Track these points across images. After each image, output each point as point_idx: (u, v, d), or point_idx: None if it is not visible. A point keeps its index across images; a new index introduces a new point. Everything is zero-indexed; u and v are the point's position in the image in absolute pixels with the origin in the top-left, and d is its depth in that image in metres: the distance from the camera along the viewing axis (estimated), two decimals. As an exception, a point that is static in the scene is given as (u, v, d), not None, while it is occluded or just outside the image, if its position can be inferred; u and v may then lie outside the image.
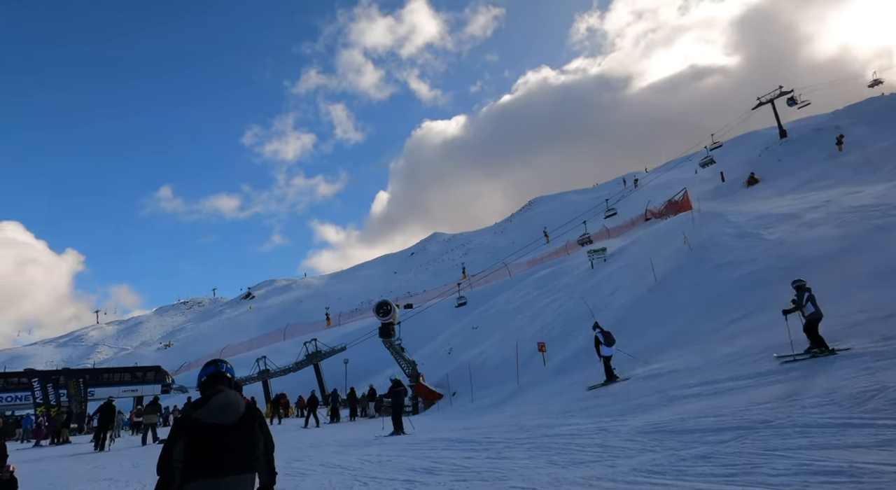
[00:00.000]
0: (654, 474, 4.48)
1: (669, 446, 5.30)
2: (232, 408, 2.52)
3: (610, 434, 6.38)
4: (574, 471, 5.10)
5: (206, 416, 2.46)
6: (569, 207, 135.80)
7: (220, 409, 2.49)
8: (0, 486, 7.33)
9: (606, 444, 5.96)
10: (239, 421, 2.50)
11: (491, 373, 21.01)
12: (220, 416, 2.47)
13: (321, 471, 7.25)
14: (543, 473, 5.17)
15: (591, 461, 5.35)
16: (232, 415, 2.50)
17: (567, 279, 32.84)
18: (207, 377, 2.70)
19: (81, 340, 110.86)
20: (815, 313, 7.99)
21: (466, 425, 10.80)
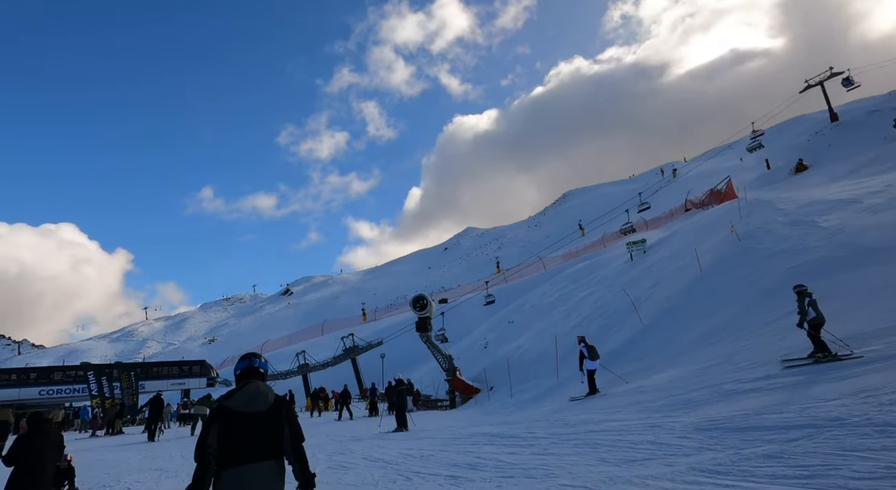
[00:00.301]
0: (716, 474, 4.19)
1: (730, 444, 4.98)
2: (261, 398, 2.67)
3: (662, 431, 6.07)
4: (627, 469, 4.85)
5: (236, 404, 2.62)
6: (604, 199, 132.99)
7: (249, 398, 2.65)
8: (59, 474, 7.61)
9: (659, 441, 5.67)
10: (267, 411, 2.64)
11: (529, 367, 20.73)
12: (248, 405, 2.63)
13: (363, 464, 7.21)
14: (594, 471, 4.94)
15: (645, 459, 5.08)
16: (261, 405, 2.64)
17: (605, 272, 32.11)
18: (242, 371, 2.86)
19: (132, 336, 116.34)
20: (816, 318, 8.08)
21: (507, 420, 10.61)
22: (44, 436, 4.53)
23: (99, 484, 8.08)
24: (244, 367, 2.86)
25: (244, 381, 2.79)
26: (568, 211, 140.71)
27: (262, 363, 2.93)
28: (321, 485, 6.44)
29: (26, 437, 4.49)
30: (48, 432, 4.60)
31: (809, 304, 8.31)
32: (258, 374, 2.84)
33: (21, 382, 38.17)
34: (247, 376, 2.82)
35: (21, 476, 4.33)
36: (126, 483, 7.89)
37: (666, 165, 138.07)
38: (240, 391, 2.70)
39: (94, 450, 14.03)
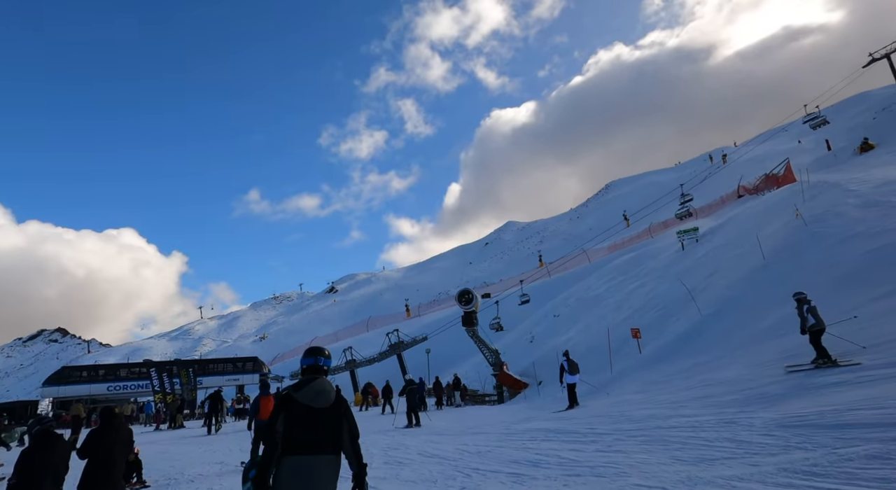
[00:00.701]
0: (813, 476, 3.78)
1: (822, 443, 4.52)
2: (325, 395, 2.84)
3: (739, 427, 5.63)
4: (707, 469, 4.48)
5: (303, 398, 2.79)
6: (650, 189, 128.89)
7: (315, 394, 2.81)
8: (127, 467, 7.88)
9: (738, 438, 5.25)
10: (329, 407, 2.80)
11: (579, 361, 20.05)
12: (314, 400, 2.79)
13: (419, 460, 7.09)
14: (669, 471, 4.60)
15: (726, 458, 4.70)
16: (324, 401, 2.81)
17: (655, 263, 31.00)
18: (308, 366, 2.99)
19: (189, 334, 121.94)
20: (816, 325, 8.29)
21: (562, 415, 10.27)
22: (115, 430, 4.61)
23: (164, 477, 8.33)
24: (311, 363, 2.98)
25: (311, 375, 2.92)
26: (611, 202, 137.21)
27: (327, 361, 3.07)
28: (379, 480, 6.36)
29: (99, 431, 4.57)
30: (119, 427, 4.67)
31: (809, 311, 8.59)
32: (322, 371, 2.99)
33: (91, 379, 40.58)
34: (313, 371, 2.95)
35: (94, 469, 4.41)
36: (189, 476, 8.08)
37: (715, 151, 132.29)
38: (307, 385, 2.85)
39: (158, 443, 14.63)
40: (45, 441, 4.11)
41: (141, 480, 7.89)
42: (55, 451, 4.11)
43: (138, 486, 7.69)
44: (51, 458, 4.05)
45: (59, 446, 4.17)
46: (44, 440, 4.12)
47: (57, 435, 4.33)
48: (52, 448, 4.10)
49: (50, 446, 4.10)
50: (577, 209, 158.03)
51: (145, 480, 7.93)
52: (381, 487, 5.72)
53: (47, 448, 4.08)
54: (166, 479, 8.17)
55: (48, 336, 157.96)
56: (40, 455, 4.02)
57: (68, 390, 38.45)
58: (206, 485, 7.31)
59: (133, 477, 7.87)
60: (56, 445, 4.15)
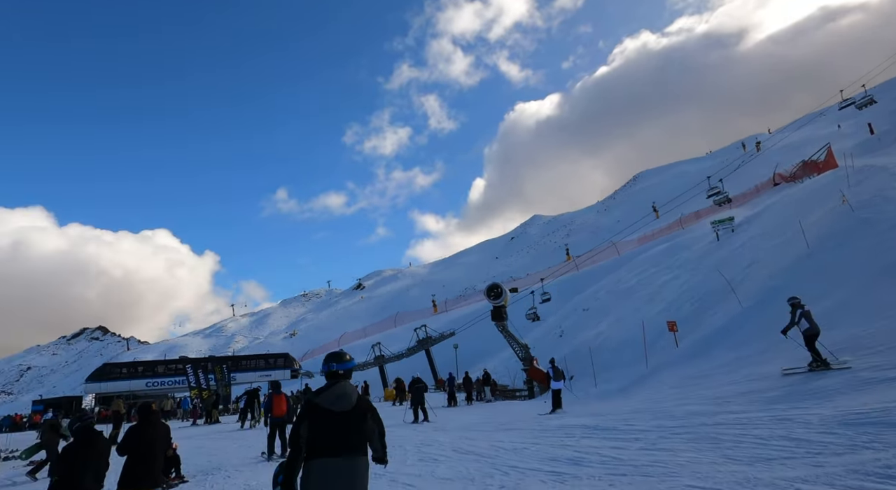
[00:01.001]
0: (889, 479, 3.48)
1: (893, 442, 4.18)
2: (346, 398, 2.88)
3: (795, 424, 5.30)
4: (765, 469, 4.20)
5: (325, 402, 2.85)
6: (680, 179, 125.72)
7: (336, 398, 2.87)
8: (165, 461, 8.00)
9: (794, 436, 4.93)
10: (350, 411, 2.84)
11: (611, 355, 19.77)
12: (334, 404, 2.84)
13: (455, 457, 6.96)
14: (723, 471, 4.33)
15: (785, 458, 4.40)
16: (345, 405, 2.85)
17: (688, 254, 30.14)
18: (326, 373, 3.04)
19: (222, 331, 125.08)
20: (810, 329, 8.44)
21: (597, 411, 10.00)
22: (153, 426, 4.61)
23: (202, 472, 8.42)
24: (325, 371, 3.03)
25: (333, 380, 2.98)
26: (639, 193, 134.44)
27: (341, 365, 3.05)
28: (414, 478, 6.26)
29: (137, 427, 4.58)
30: (156, 423, 4.68)
31: (803, 316, 8.68)
32: (340, 376, 3.01)
33: (130, 375, 41.95)
34: (334, 376, 3.00)
35: (134, 465, 4.42)
36: (227, 471, 8.15)
37: (748, 138, 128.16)
38: (328, 390, 2.91)
39: (195, 438, 14.92)
40: (86, 437, 4.13)
41: (179, 475, 7.99)
42: (96, 447, 4.12)
43: (177, 481, 7.79)
44: (92, 454, 4.06)
45: (99, 442, 4.19)
46: (85, 436, 4.14)
47: (97, 431, 4.35)
48: (93, 444, 4.11)
49: (91, 442, 4.11)
50: (604, 201, 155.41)
51: (184, 476, 8.03)
52: (417, 485, 5.61)
53: (88, 444, 4.10)
54: (203, 473, 8.25)
55: (90, 334, 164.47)
56: (82, 451, 4.04)
57: (109, 386, 39.83)
58: (242, 480, 7.35)
59: (172, 472, 7.97)
60: (97, 442, 4.16)
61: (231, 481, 7.34)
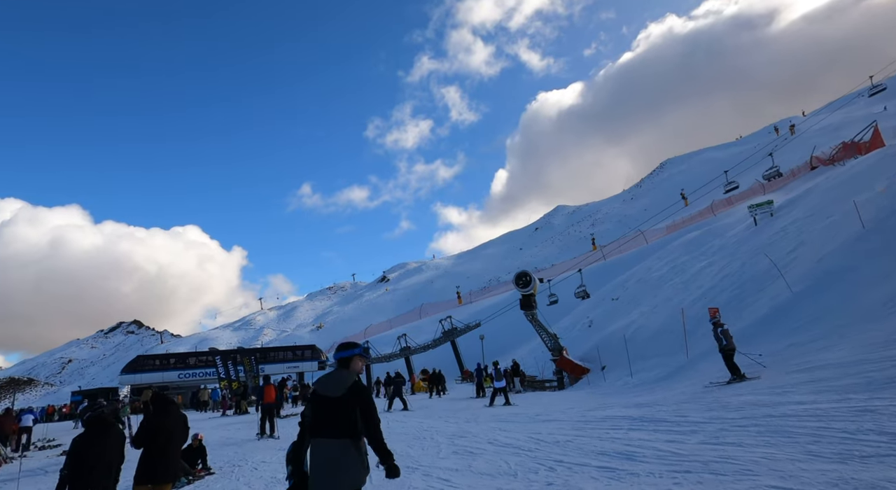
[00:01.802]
0: None
1: None
2: (337, 385, 3.07)
3: (884, 417, 4.66)
4: (863, 470, 3.61)
5: (319, 387, 3.13)
6: (708, 165, 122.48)
7: (328, 384, 3.10)
8: (192, 452, 7.77)
9: (889, 431, 4.30)
10: (339, 397, 3.02)
11: (646, 345, 19.01)
12: (326, 389, 3.08)
13: (491, 450, 6.51)
14: (811, 470, 3.76)
15: (883, 455, 3.80)
16: (335, 390, 3.05)
17: (722, 240, 28.99)
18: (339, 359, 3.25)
19: (250, 324, 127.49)
20: (727, 346, 9.61)
21: (639, 401, 9.40)
22: (170, 417, 4.29)
23: (229, 463, 8.18)
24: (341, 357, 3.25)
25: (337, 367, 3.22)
26: (667, 181, 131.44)
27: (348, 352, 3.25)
28: (451, 472, 5.83)
29: (153, 418, 4.27)
30: (174, 413, 4.35)
31: (722, 334, 9.73)
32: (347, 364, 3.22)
33: (163, 367, 42.85)
34: (341, 363, 3.23)
35: (151, 458, 4.11)
36: (253, 463, 7.89)
37: (780, 122, 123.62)
38: (326, 377, 3.17)
39: (223, 428, 14.88)
40: (97, 429, 3.82)
41: (206, 467, 7.77)
42: (107, 438, 3.80)
43: (203, 472, 7.56)
44: (103, 446, 3.74)
45: (111, 434, 3.86)
46: (96, 428, 3.82)
47: (110, 422, 4.02)
48: (104, 436, 3.79)
49: (102, 434, 3.79)
50: (630, 190, 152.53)
51: (210, 467, 7.80)
52: (455, 480, 5.18)
53: (99, 435, 3.77)
54: (231, 465, 8.01)
55: (126, 328, 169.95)
56: (92, 443, 3.72)
57: (143, 378, 40.76)
58: (269, 472, 7.05)
59: (198, 463, 7.76)
60: (108, 433, 3.84)
61: (258, 473, 7.06)
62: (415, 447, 7.50)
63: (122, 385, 41.93)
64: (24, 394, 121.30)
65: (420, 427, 10.20)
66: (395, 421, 12.34)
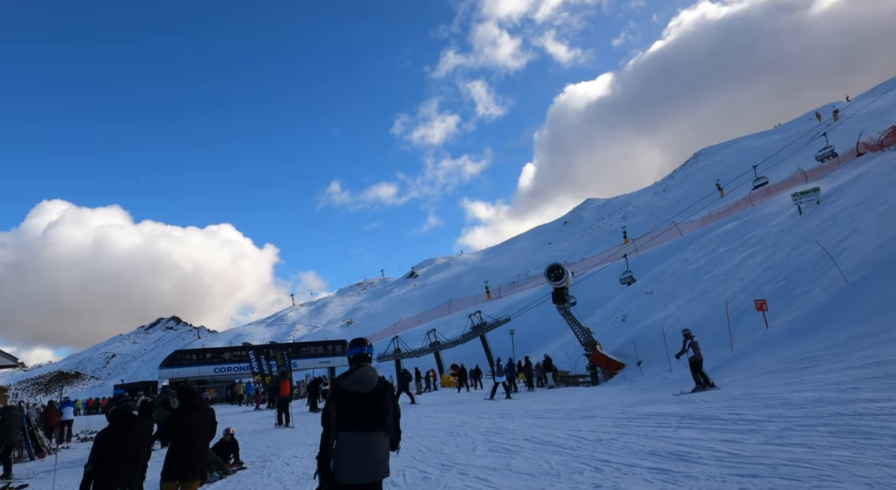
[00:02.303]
0: None
1: None
2: (367, 381, 3.18)
3: (979, 417, 4.13)
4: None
5: (348, 385, 3.16)
6: (745, 154, 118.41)
7: (358, 381, 3.17)
8: (224, 447, 7.70)
9: None
10: (371, 392, 3.15)
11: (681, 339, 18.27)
12: (356, 386, 3.15)
13: (530, 448, 6.18)
14: (902, 476, 3.30)
15: None
16: (366, 387, 3.16)
17: (763, 231, 27.75)
18: (354, 356, 3.35)
19: (283, 320, 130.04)
20: (694, 357, 10.60)
21: (686, 398, 8.89)
22: (196, 411, 4.12)
23: (261, 458, 8.10)
24: (356, 353, 3.35)
25: (356, 364, 3.29)
26: (701, 171, 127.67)
27: (370, 349, 3.44)
28: (489, 471, 5.53)
29: (179, 413, 4.11)
30: (200, 407, 4.18)
31: (691, 346, 10.85)
32: (366, 359, 3.34)
33: (199, 362, 43.92)
34: (358, 360, 3.31)
35: (178, 454, 3.95)
36: (285, 458, 7.77)
37: (823, 108, 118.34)
38: (352, 374, 3.22)
39: (256, 422, 14.98)
40: (122, 423, 3.66)
41: (238, 462, 7.69)
42: (132, 433, 3.64)
43: (235, 467, 7.48)
44: (127, 440, 3.58)
45: (136, 428, 3.71)
46: (121, 422, 3.67)
47: (135, 416, 3.87)
48: (128, 430, 3.63)
49: (126, 428, 3.63)
50: (662, 182, 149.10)
51: (242, 462, 7.72)
52: (493, 480, 4.88)
53: (124, 430, 3.62)
54: (263, 460, 7.92)
55: (165, 324, 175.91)
56: (116, 438, 3.56)
57: (181, 372, 41.86)
58: (300, 467, 6.90)
59: (231, 458, 7.68)
60: (133, 427, 3.68)
61: (289, 469, 6.91)
62: (448, 444, 7.24)
63: (161, 379, 43.19)
64: (71, 387, 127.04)
65: (452, 422, 9.95)
66: (425, 416, 12.12)
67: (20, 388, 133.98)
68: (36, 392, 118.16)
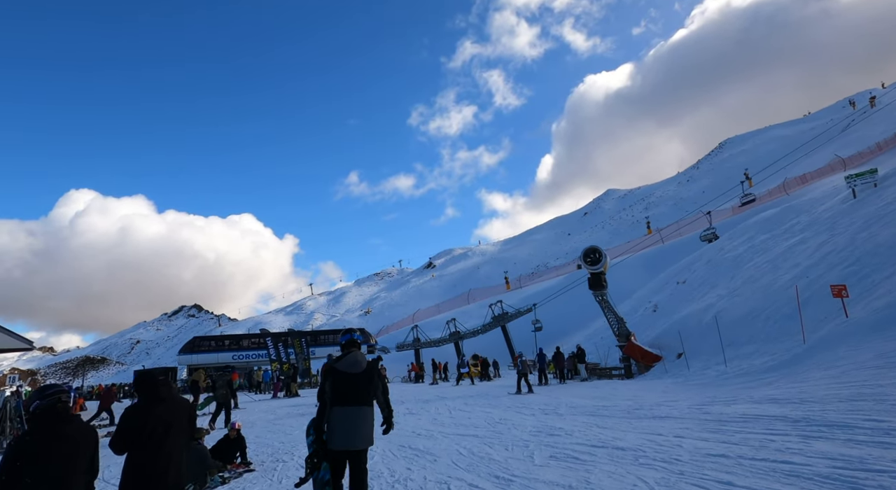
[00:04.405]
0: None
1: None
2: (358, 364, 3.83)
3: None
4: None
5: (342, 367, 3.80)
6: (774, 144, 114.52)
7: (350, 364, 3.81)
8: (228, 444, 6.59)
9: None
10: (361, 373, 3.80)
11: (733, 330, 16.72)
12: (349, 368, 3.80)
13: (604, 456, 4.90)
14: None
15: None
16: (357, 369, 3.81)
17: (811, 216, 25.88)
18: (346, 341, 4.00)
19: (302, 309, 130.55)
20: (521, 370, 16.00)
21: (771, 396, 7.47)
22: (166, 405, 2.90)
23: (272, 456, 6.98)
24: (347, 339, 4.00)
25: (347, 349, 3.94)
26: (727, 161, 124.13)
27: (359, 336, 4.12)
28: (555, 488, 4.32)
29: (139, 408, 2.89)
30: (170, 400, 2.95)
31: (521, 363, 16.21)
32: (356, 345, 4.00)
33: (218, 348, 43.52)
34: (349, 346, 3.96)
35: (140, 464, 2.74)
36: (299, 458, 6.62)
37: (857, 95, 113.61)
38: (345, 358, 3.87)
39: (272, 411, 13.98)
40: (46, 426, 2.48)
41: (245, 462, 6.56)
42: (61, 442, 2.46)
43: (242, 468, 6.35)
44: (54, 450, 2.41)
45: (69, 432, 2.51)
46: (45, 425, 2.48)
47: (70, 413, 2.66)
48: (56, 437, 2.45)
49: (53, 434, 2.45)
50: (686, 172, 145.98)
51: (250, 462, 6.59)
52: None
53: (49, 437, 2.44)
54: (274, 459, 6.80)
55: (187, 312, 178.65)
56: (36, 449, 2.39)
57: (199, 358, 41.50)
58: (318, 472, 5.73)
59: (237, 457, 6.57)
60: (65, 430, 2.49)
61: (302, 472, 5.75)
62: (495, 446, 6.00)
63: (181, 365, 42.92)
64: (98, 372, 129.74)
65: (489, 419, 8.73)
66: (456, 409, 10.94)
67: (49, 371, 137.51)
68: (64, 376, 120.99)
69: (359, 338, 4.06)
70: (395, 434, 7.86)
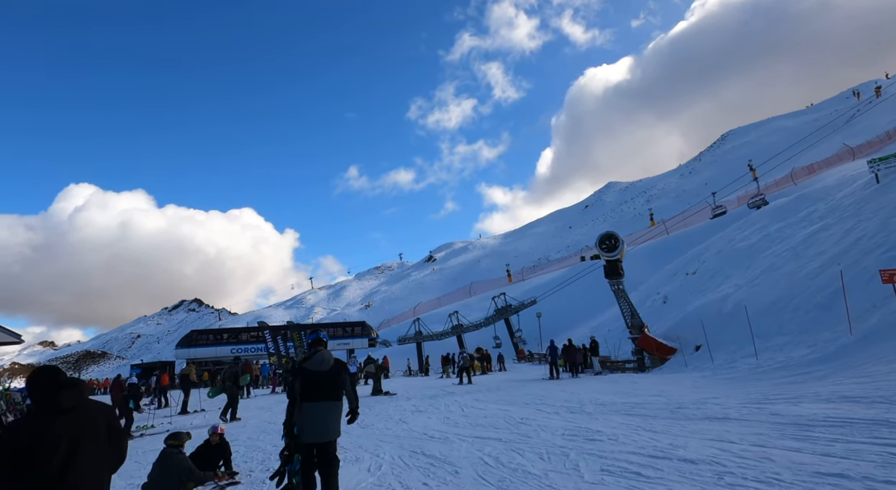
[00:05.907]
0: None
1: None
2: (325, 362, 4.10)
3: None
4: None
5: (310, 365, 4.06)
6: (777, 135, 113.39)
7: (317, 362, 4.07)
8: (210, 451, 5.61)
9: None
10: (328, 370, 4.06)
11: (757, 322, 15.70)
12: (317, 366, 4.06)
13: (671, 470, 3.92)
14: None
15: None
16: (324, 366, 4.07)
17: (830, 203, 24.86)
18: (313, 340, 4.30)
19: (302, 303, 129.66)
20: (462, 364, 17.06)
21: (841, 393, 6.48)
22: (69, 417, 1.84)
23: (261, 463, 6.00)
24: (314, 338, 4.30)
25: (314, 348, 4.21)
26: (730, 153, 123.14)
27: (325, 335, 4.39)
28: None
29: (28, 422, 1.84)
30: (79, 408, 1.88)
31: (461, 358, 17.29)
32: (323, 343, 4.27)
33: (216, 342, 42.50)
34: (315, 344, 4.25)
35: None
36: (293, 467, 5.65)
37: (861, 86, 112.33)
38: (312, 357, 4.12)
39: (266, 410, 13.04)
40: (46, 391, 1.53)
41: (230, 471, 5.58)
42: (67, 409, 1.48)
43: (226, 479, 5.37)
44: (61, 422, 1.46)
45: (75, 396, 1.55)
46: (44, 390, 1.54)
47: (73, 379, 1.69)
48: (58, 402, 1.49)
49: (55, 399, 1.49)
50: (687, 164, 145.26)
51: (235, 472, 5.59)
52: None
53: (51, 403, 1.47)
54: (263, 467, 5.82)
55: (188, 306, 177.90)
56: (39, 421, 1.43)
57: (197, 352, 40.52)
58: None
59: (220, 466, 5.58)
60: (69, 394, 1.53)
61: (298, 487, 4.78)
62: (526, 454, 5.02)
63: (178, 359, 41.99)
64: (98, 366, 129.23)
65: (507, 417, 7.77)
66: (468, 406, 9.98)
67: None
68: (65, 370, 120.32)
69: (325, 337, 4.31)
70: (405, 436, 6.91)
